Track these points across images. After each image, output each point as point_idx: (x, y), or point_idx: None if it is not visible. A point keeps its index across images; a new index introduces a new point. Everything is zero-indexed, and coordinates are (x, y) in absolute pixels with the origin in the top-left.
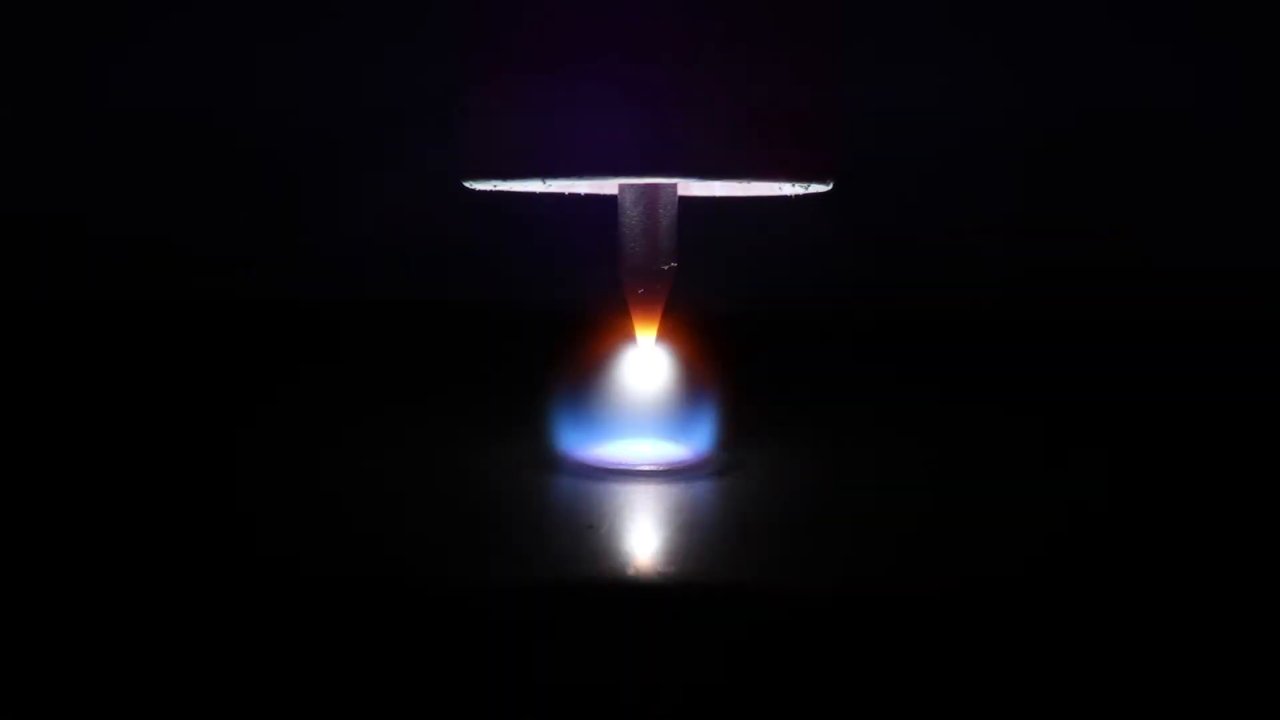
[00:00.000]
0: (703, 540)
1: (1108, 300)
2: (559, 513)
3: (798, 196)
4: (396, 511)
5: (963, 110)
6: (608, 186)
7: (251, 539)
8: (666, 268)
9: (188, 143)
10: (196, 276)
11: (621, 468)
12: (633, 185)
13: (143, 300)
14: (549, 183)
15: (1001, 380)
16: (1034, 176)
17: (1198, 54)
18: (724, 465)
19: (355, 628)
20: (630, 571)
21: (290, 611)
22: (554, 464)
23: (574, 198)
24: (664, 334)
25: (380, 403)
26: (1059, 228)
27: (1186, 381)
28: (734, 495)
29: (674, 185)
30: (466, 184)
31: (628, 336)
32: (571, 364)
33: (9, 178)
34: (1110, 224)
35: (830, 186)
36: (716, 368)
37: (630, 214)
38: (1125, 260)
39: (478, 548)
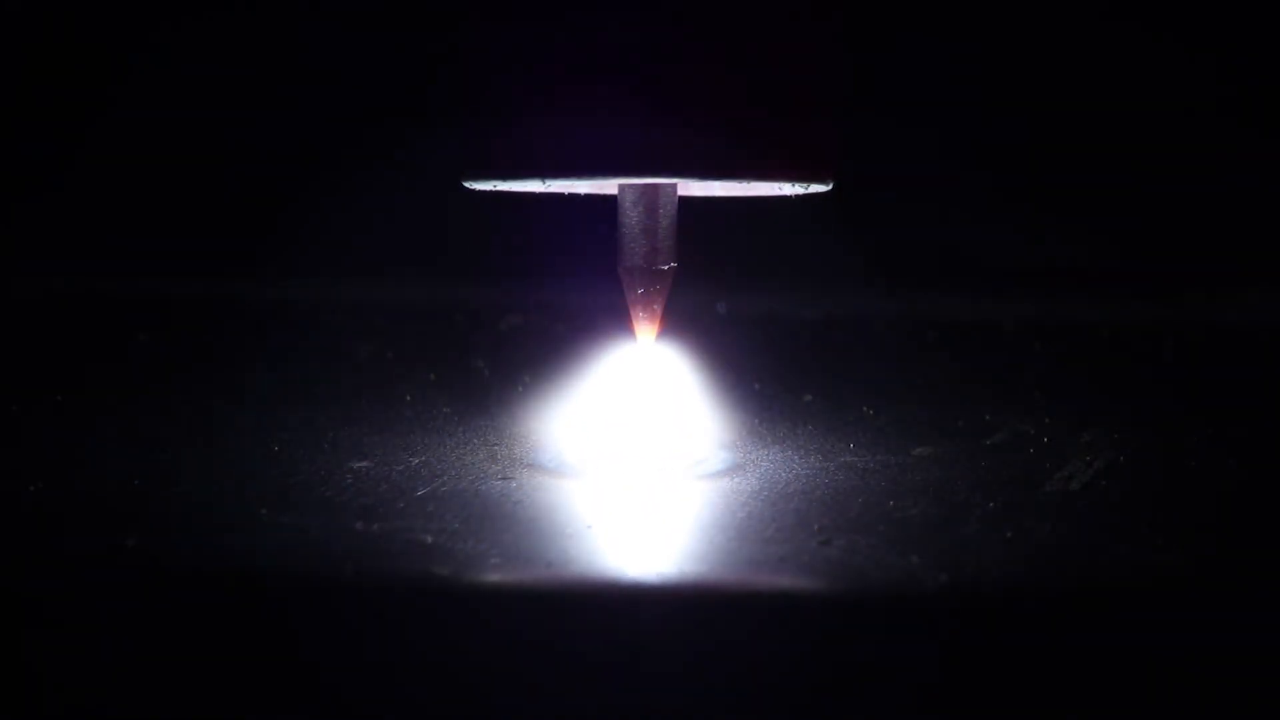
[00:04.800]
0: (703, 540)
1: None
2: (558, 513)
3: (798, 196)
4: (394, 511)
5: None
6: (608, 186)
7: (246, 539)
8: (666, 268)
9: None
10: (190, 275)
11: (620, 468)
12: (633, 185)
13: (137, 299)
14: (549, 183)
15: (1006, 382)
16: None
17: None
18: (724, 465)
19: (351, 628)
20: (629, 572)
21: (286, 612)
22: (552, 464)
23: (574, 198)
24: (664, 334)
25: (375, 403)
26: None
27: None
28: (734, 495)
29: (674, 185)
30: (466, 184)
31: (628, 336)
32: (570, 364)
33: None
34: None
35: (830, 187)
36: (717, 368)
37: (630, 214)
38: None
39: (476, 548)
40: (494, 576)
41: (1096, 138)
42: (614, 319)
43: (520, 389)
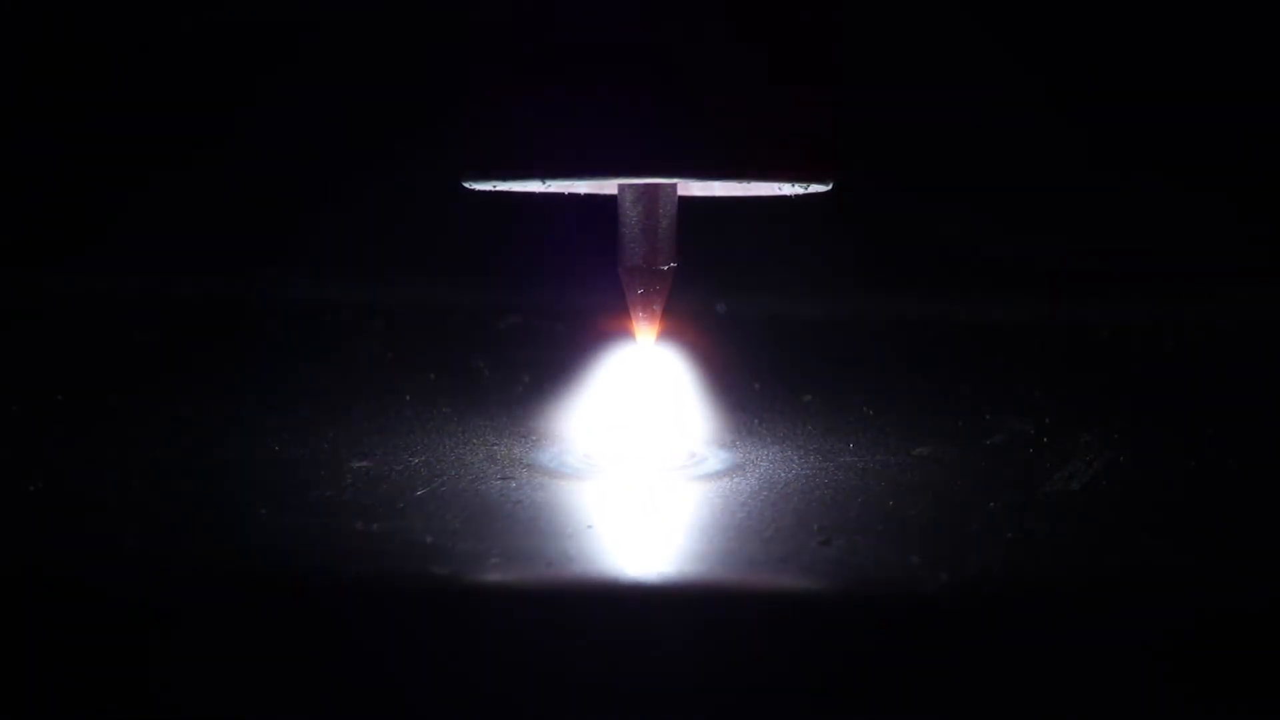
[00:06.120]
0: (703, 540)
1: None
2: (558, 513)
3: (798, 196)
4: (394, 511)
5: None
6: (608, 186)
7: (250, 540)
8: (666, 268)
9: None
10: (190, 275)
11: (620, 468)
12: (633, 185)
13: (137, 299)
14: (549, 183)
15: (1006, 382)
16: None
17: None
18: (724, 465)
19: (351, 628)
20: (629, 572)
21: (286, 612)
22: (552, 464)
23: (574, 198)
24: (664, 334)
25: (375, 403)
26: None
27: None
28: (734, 495)
29: (674, 185)
30: (466, 184)
31: (628, 336)
32: (570, 364)
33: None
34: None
35: (830, 187)
36: (717, 368)
37: (630, 214)
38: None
39: (476, 548)
40: (494, 576)
41: (1096, 137)
42: (614, 319)
43: (520, 389)
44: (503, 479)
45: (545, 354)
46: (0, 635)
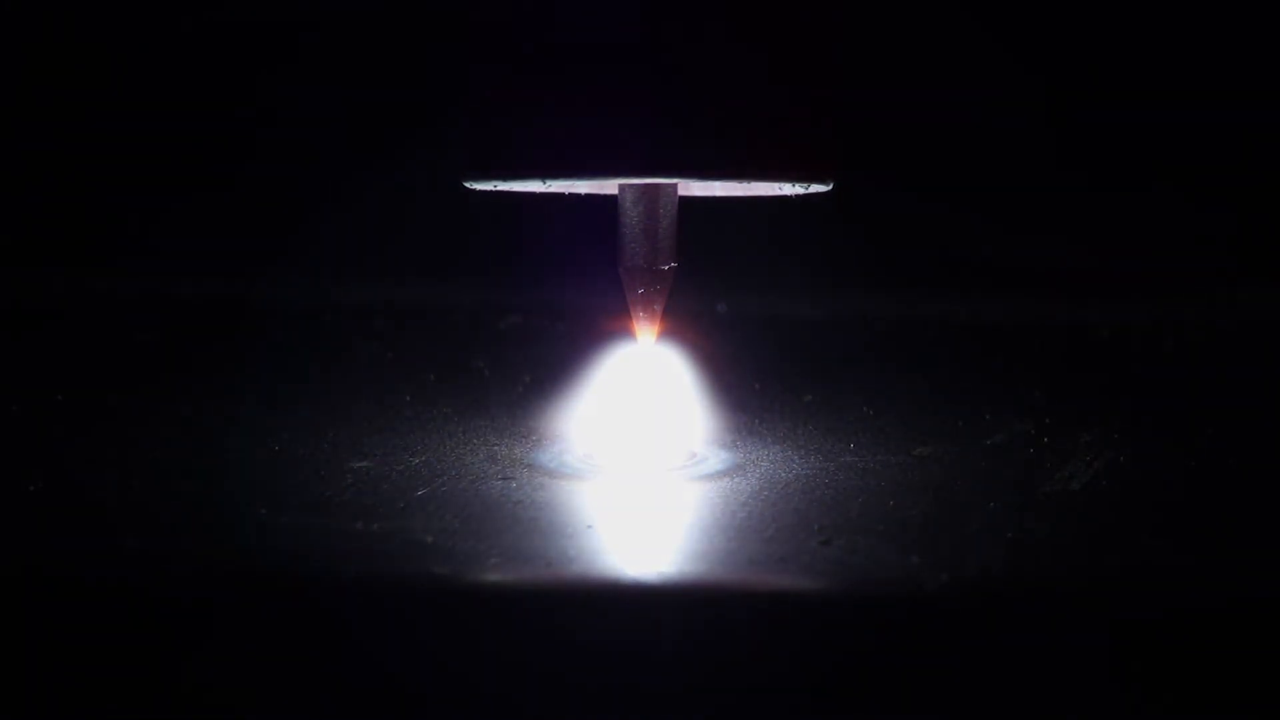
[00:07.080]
0: (703, 540)
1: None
2: (558, 513)
3: (798, 196)
4: (394, 511)
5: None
6: (608, 186)
7: (246, 539)
8: (666, 268)
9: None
10: (191, 275)
11: (620, 468)
12: (633, 185)
13: (137, 299)
14: (549, 183)
15: (1006, 382)
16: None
17: None
18: (724, 465)
19: (351, 628)
20: (629, 572)
21: (286, 612)
22: (552, 464)
23: (574, 198)
24: (664, 334)
25: (375, 403)
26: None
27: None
28: (734, 495)
29: (674, 185)
30: (466, 184)
31: (628, 336)
32: (570, 364)
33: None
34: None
35: (831, 187)
36: (717, 368)
37: (630, 214)
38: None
39: (476, 548)
40: (494, 576)
41: (1096, 137)
42: (614, 319)
43: (520, 389)
44: (503, 479)
45: (545, 354)
46: (0, 635)
